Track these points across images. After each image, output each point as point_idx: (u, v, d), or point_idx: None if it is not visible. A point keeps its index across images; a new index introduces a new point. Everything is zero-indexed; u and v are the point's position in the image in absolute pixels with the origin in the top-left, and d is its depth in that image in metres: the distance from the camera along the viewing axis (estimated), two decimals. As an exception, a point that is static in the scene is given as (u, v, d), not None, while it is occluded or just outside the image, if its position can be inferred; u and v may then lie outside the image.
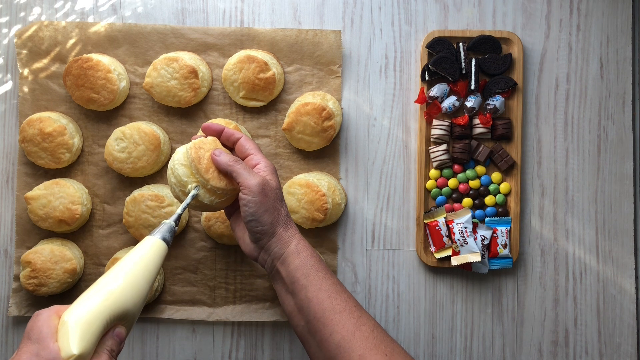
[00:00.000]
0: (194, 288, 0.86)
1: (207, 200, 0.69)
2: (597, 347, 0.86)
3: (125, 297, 0.58)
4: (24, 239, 0.85)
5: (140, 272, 0.61)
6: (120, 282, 0.59)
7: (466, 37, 0.85)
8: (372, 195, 0.87)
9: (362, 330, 0.64)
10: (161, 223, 0.67)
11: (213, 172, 0.69)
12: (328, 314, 0.65)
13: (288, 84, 0.86)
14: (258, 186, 0.67)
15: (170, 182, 0.70)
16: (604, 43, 0.87)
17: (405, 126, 0.87)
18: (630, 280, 0.86)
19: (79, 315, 0.55)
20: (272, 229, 0.68)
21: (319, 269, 0.68)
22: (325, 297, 0.66)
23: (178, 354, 0.86)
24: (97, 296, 0.57)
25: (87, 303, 0.56)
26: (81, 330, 0.54)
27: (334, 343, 0.64)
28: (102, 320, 0.56)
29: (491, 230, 0.85)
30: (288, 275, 0.67)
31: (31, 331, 0.54)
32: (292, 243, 0.68)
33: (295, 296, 0.67)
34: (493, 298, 0.86)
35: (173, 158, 0.70)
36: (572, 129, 0.87)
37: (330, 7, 0.87)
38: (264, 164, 0.70)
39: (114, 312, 0.57)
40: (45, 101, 0.85)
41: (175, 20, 0.87)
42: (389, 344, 0.65)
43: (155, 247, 0.63)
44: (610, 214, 0.87)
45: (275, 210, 0.68)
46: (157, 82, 0.82)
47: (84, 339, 0.54)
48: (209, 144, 0.71)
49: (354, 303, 0.67)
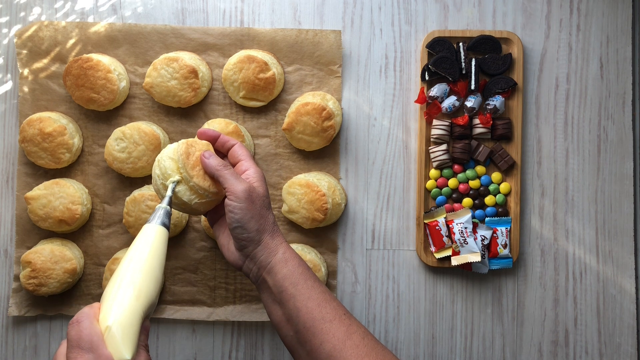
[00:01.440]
0: (194, 288, 0.86)
1: (185, 198, 0.68)
2: (597, 347, 0.86)
3: (151, 291, 0.59)
4: (24, 239, 0.85)
5: (155, 262, 0.61)
6: (144, 277, 0.59)
7: (466, 37, 0.85)
8: (372, 195, 0.87)
9: (352, 338, 0.64)
10: (156, 208, 0.66)
11: (199, 170, 0.68)
12: (318, 323, 0.64)
13: (288, 84, 0.86)
14: (244, 192, 0.66)
15: (154, 174, 0.69)
16: (604, 43, 0.87)
17: (405, 126, 0.87)
18: (630, 280, 0.86)
19: (120, 319, 0.55)
20: (259, 237, 0.67)
21: (307, 278, 0.67)
22: (315, 306, 0.65)
23: (178, 354, 0.86)
24: (128, 295, 0.57)
25: (122, 304, 0.56)
26: (127, 334, 0.54)
27: (324, 353, 0.63)
28: (139, 319, 0.56)
29: (491, 230, 0.85)
30: (275, 285, 0.66)
31: (80, 340, 0.53)
32: (279, 251, 0.67)
33: (284, 306, 0.66)
34: (493, 298, 0.86)
35: (162, 151, 0.69)
36: (572, 129, 0.87)
37: (330, 7, 0.87)
38: (253, 170, 0.69)
39: (145, 308, 0.57)
40: (45, 101, 0.85)
41: (175, 20, 0.87)
42: (380, 351, 0.64)
43: (158, 234, 0.63)
44: (610, 214, 0.87)
45: (261, 217, 0.67)
46: (157, 82, 0.82)
47: (131, 343, 0.54)
48: (201, 146, 0.70)
49: (344, 311, 0.66)
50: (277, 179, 0.86)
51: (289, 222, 0.86)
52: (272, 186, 0.86)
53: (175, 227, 0.83)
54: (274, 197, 0.86)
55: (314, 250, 0.85)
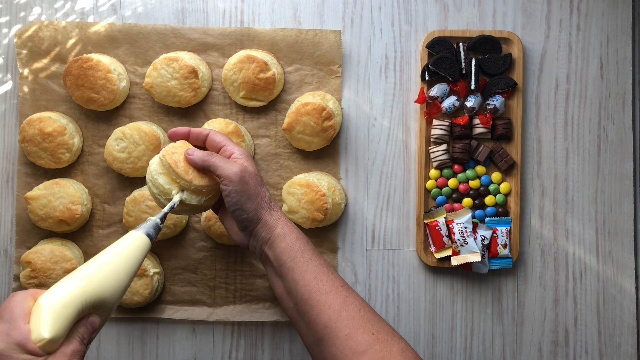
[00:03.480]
0: (194, 288, 0.86)
1: (195, 202, 0.69)
2: (597, 347, 0.86)
3: (102, 286, 0.57)
4: (24, 239, 0.85)
5: (120, 263, 0.60)
6: (99, 270, 0.58)
7: (466, 37, 0.85)
8: (372, 195, 0.87)
9: (348, 310, 0.65)
10: (147, 219, 0.66)
11: (193, 172, 0.69)
12: (314, 295, 0.66)
13: (288, 84, 0.86)
14: (237, 175, 0.67)
15: (153, 194, 0.70)
16: (604, 43, 0.87)
17: (405, 126, 0.87)
18: (630, 280, 0.86)
19: (53, 299, 0.54)
20: (257, 215, 0.69)
21: (305, 251, 0.68)
22: (312, 278, 0.67)
23: (178, 354, 0.86)
24: (73, 282, 0.56)
25: (63, 288, 0.55)
26: (54, 314, 0.53)
27: (321, 323, 0.64)
28: (76, 306, 0.55)
29: (491, 230, 0.85)
30: (275, 259, 0.68)
31: (4, 311, 0.53)
32: (278, 227, 0.69)
33: (283, 279, 0.68)
34: (493, 298, 0.86)
35: (149, 170, 0.69)
36: (572, 129, 0.87)
37: (330, 7, 0.87)
38: (238, 151, 0.70)
39: (89, 300, 0.56)
40: (45, 101, 0.85)
41: (175, 20, 0.87)
42: (376, 322, 0.65)
43: (138, 241, 0.63)
44: (610, 214, 0.87)
45: (257, 196, 0.69)
46: (157, 82, 0.82)
47: (56, 324, 0.53)
48: (180, 147, 0.71)
49: (341, 283, 0.68)
50: (277, 179, 0.86)
51: (289, 222, 0.86)
52: (272, 186, 0.86)
53: (175, 227, 0.83)
54: (274, 197, 0.86)
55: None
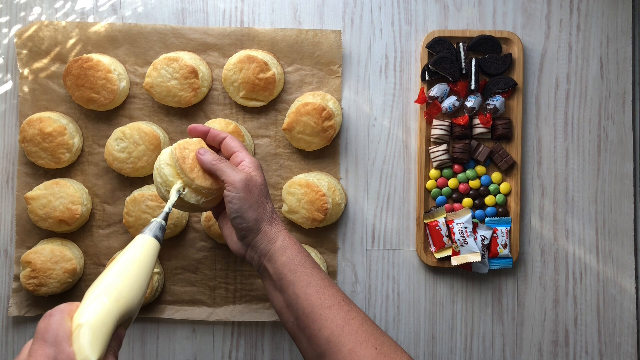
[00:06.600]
0: (194, 288, 0.86)
1: (193, 200, 0.69)
2: (597, 347, 0.86)
3: (130, 298, 0.58)
4: (24, 239, 0.85)
5: (140, 271, 0.60)
6: (124, 282, 0.58)
7: (466, 37, 0.85)
8: (372, 195, 0.87)
9: (351, 324, 0.64)
10: (151, 221, 0.66)
11: (198, 171, 0.69)
12: (316, 309, 0.65)
13: (288, 84, 0.86)
14: (242, 182, 0.67)
15: (156, 182, 0.70)
16: (604, 43, 0.87)
17: (405, 126, 0.87)
18: (630, 280, 0.86)
19: (92, 319, 0.54)
20: (257, 226, 0.68)
21: (306, 265, 0.68)
22: (313, 292, 0.66)
23: (178, 354, 0.86)
24: (106, 298, 0.56)
25: (98, 305, 0.55)
26: (97, 334, 0.53)
27: (323, 338, 0.64)
28: (113, 323, 0.55)
29: (491, 230, 0.85)
30: (275, 272, 0.68)
31: (46, 333, 0.52)
32: (279, 239, 0.68)
33: (284, 292, 0.67)
34: (493, 298, 0.86)
35: (159, 158, 0.70)
36: (572, 129, 0.87)
37: (330, 7, 0.87)
38: (248, 160, 0.70)
39: (122, 314, 0.56)
40: (45, 101, 0.85)
41: (175, 20, 0.87)
42: (379, 337, 0.64)
43: (149, 245, 0.63)
44: (610, 214, 0.87)
45: (260, 206, 0.68)
46: (157, 82, 0.82)
47: (100, 344, 0.53)
48: (194, 144, 0.71)
49: (343, 297, 0.67)
50: (277, 179, 0.86)
51: (289, 222, 0.86)
52: (272, 186, 0.86)
53: (175, 227, 0.83)
54: (274, 197, 0.86)
55: (314, 250, 0.85)
